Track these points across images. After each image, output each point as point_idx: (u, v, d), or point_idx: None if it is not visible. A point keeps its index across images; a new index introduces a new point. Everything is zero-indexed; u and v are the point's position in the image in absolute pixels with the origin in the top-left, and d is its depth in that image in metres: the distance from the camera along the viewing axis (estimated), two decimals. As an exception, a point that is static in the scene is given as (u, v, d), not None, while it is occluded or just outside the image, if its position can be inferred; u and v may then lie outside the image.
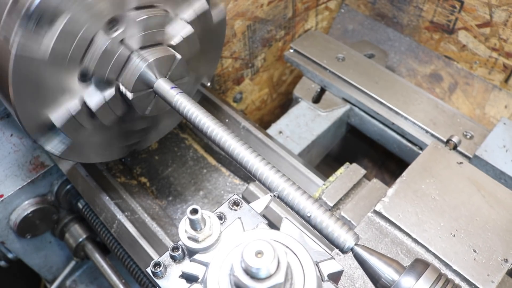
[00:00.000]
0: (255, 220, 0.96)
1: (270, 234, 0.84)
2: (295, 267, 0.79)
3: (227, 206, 0.98)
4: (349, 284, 1.21)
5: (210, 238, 0.90)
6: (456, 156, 1.46)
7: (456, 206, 1.33)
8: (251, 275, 0.72)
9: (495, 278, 1.19)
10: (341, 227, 0.95)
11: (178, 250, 0.93)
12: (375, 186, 1.60)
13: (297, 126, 2.06)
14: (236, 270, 0.73)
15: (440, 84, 2.50)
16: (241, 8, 2.20)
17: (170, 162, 1.94)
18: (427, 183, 1.39)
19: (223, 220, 0.96)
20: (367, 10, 2.72)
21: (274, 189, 1.06)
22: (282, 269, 0.73)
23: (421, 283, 0.86)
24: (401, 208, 1.34)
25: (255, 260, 0.71)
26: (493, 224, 1.29)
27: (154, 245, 1.59)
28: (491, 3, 2.12)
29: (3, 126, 1.89)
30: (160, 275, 0.92)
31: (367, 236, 1.31)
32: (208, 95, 2.01)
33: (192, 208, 0.87)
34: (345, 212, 1.53)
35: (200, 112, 1.25)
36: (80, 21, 1.21)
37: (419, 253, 1.27)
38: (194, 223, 0.87)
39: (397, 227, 1.31)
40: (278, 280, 0.72)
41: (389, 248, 1.29)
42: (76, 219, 2.17)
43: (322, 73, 2.16)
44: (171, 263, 0.94)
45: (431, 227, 1.29)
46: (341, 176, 1.65)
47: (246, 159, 1.12)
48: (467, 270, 1.21)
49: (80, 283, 2.42)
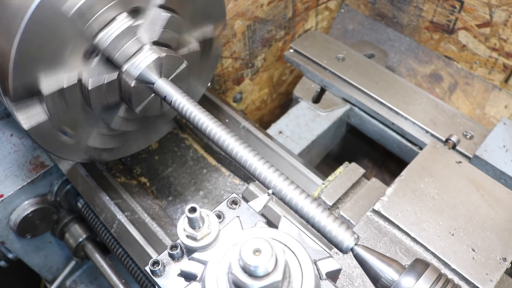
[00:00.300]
0: (254, 218, 0.96)
1: (268, 232, 0.84)
2: (293, 265, 0.79)
3: (226, 205, 0.98)
4: (348, 283, 1.21)
5: (208, 237, 0.90)
6: (455, 155, 1.46)
7: (455, 205, 1.33)
8: (249, 273, 0.72)
9: (493, 277, 1.19)
10: (340, 226, 0.95)
11: (177, 248, 0.93)
12: (374, 186, 1.60)
13: (297, 126, 2.06)
14: (234, 268, 0.73)
15: (440, 84, 2.50)
16: (241, 8, 2.20)
17: (170, 162, 1.94)
18: (426, 182, 1.39)
19: (222, 219, 0.96)
20: (367, 10, 2.72)
21: (274, 189, 1.06)
22: (280, 267, 0.73)
23: (421, 283, 0.86)
24: (400, 207, 1.34)
25: (253, 258, 0.71)
26: (492, 223, 1.29)
27: (154, 245, 1.59)
28: (491, 3, 2.12)
29: (3, 126, 1.89)
30: (158, 274, 0.92)
31: (366, 235, 1.31)
32: (208, 95, 2.01)
33: (190, 207, 0.86)
34: (344, 211, 1.53)
35: (200, 112, 1.25)
36: (57, 77, 1.24)
37: (418, 252, 1.27)
38: (193, 221, 0.87)
39: (396, 226, 1.31)
40: (276, 278, 0.72)
41: (388, 247, 1.29)
42: (76, 219, 2.17)
43: (322, 73, 2.16)
44: (169, 262, 0.93)
45: (430, 226, 1.29)
46: (340, 175, 1.65)
47: (245, 159, 1.12)
48: (466, 269, 1.21)
49: (80, 283, 2.42)
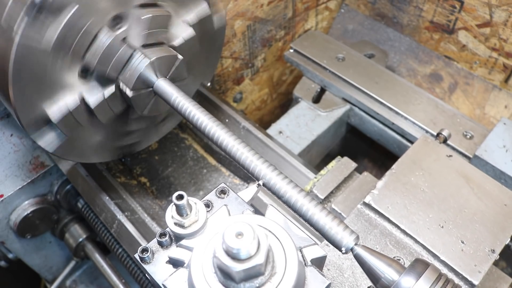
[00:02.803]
0: (241, 207, 0.98)
1: (254, 219, 0.86)
2: (277, 251, 0.81)
3: (215, 194, 1.00)
4: (338, 274, 1.22)
5: (196, 224, 0.91)
6: (445, 149, 1.47)
7: (445, 198, 1.34)
8: (232, 256, 0.73)
9: (482, 269, 1.21)
10: (339, 226, 0.95)
11: (165, 236, 0.94)
12: (365, 179, 1.61)
13: (297, 126, 2.06)
14: (217, 251, 0.75)
15: (440, 84, 2.50)
16: (241, 8, 2.20)
17: (170, 162, 1.94)
18: (416, 175, 1.40)
19: (210, 207, 0.98)
20: (367, 10, 2.72)
21: (274, 190, 1.06)
22: (262, 250, 0.74)
23: (421, 283, 0.86)
24: (390, 200, 1.35)
25: (235, 241, 0.73)
26: (481, 215, 1.30)
27: (154, 245, 1.59)
28: (491, 3, 2.12)
29: (3, 126, 1.89)
30: (147, 261, 0.94)
31: (357, 227, 1.32)
32: (208, 95, 2.01)
33: (178, 194, 0.88)
34: (336, 205, 1.54)
35: (199, 112, 1.25)
36: (85, 15, 1.20)
37: (408, 244, 1.27)
38: (180, 208, 0.89)
39: (386, 219, 1.32)
40: (258, 261, 0.73)
41: (378, 239, 1.30)
42: (76, 219, 2.17)
43: (322, 73, 2.16)
44: (158, 249, 0.95)
45: (419, 218, 1.30)
46: (332, 169, 1.66)
47: (245, 159, 1.12)
48: (455, 260, 1.22)
49: (80, 283, 2.42)
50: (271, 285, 0.77)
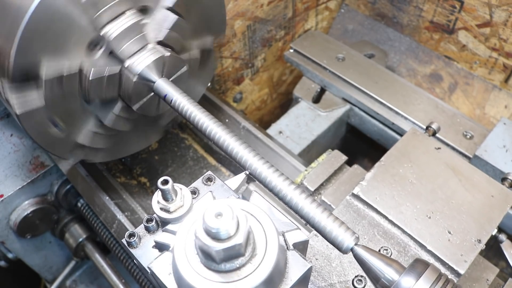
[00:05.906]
0: (227, 194, 1.00)
1: (237, 202, 0.88)
2: (258, 233, 0.83)
3: (201, 181, 1.03)
4: (326, 263, 1.23)
5: (181, 209, 0.93)
6: (434, 141, 1.47)
7: (433, 189, 1.35)
8: (212, 236, 0.75)
9: (468, 258, 1.21)
10: (340, 226, 0.94)
11: (152, 221, 0.96)
12: (355, 172, 1.62)
13: (297, 126, 2.06)
14: (198, 232, 0.76)
15: (440, 84, 2.50)
16: (241, 8, 2.20)
17: (170, 162, 1.94)
18: (405, 167, 1.41)
19: (197, 194, 1.00)
20: (367, 10, 2.72)
21: (274, 190, 1.06)
22: (241, 231, 0.76)
23: (421, 283, 0.86)
24: (379, 191, 1.35)
25: (214, 221, 0.74)
26: (468, 206, 1.31)
27: (154, 245, 1.59)
28: (491, 3, 2.12)
29: (3, 126, 1.89)
30: (134, 245, 0.96)
31: (345, 218, 1.33)
32: (208, 95, 2.01)
33: (163, 179, 0.90)
34: (326, 197, 1.54)
35: (200, 112, 1.25)
36: (59, 63, 1.26)
37: (395, 234, 1.28)
38: (165, 193, 0.91)
39: (374, 210, 1.33)
40: (237, 241, 0.75)
41: (366, 229, 1.30)
42: (76, 219, 2.17)
43: (322, 73, 2.16)
44: (145, 234, 0.97)
45: (407, 209, 1.31)
46: (322, 162, 1.66)
47: (245, 159, 1.12)
48: (441, 250, 1.23)
49: (80, 283, 2.42)
50: (251, 266, 0.79)
